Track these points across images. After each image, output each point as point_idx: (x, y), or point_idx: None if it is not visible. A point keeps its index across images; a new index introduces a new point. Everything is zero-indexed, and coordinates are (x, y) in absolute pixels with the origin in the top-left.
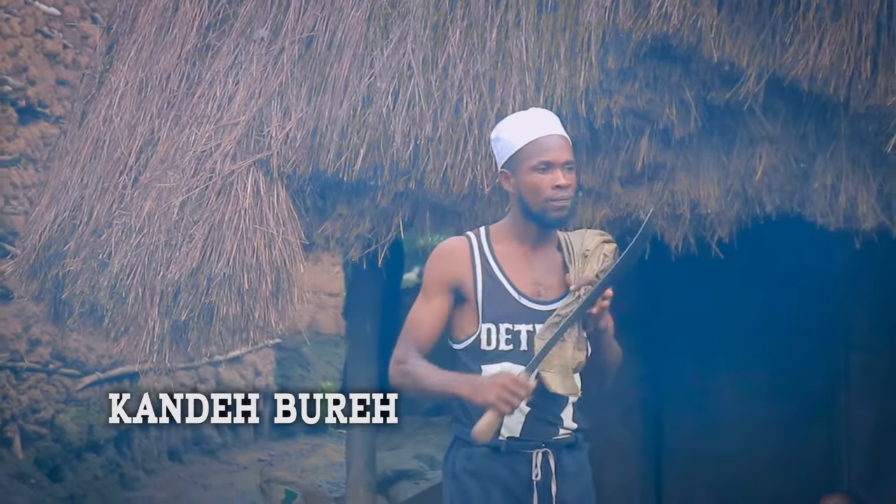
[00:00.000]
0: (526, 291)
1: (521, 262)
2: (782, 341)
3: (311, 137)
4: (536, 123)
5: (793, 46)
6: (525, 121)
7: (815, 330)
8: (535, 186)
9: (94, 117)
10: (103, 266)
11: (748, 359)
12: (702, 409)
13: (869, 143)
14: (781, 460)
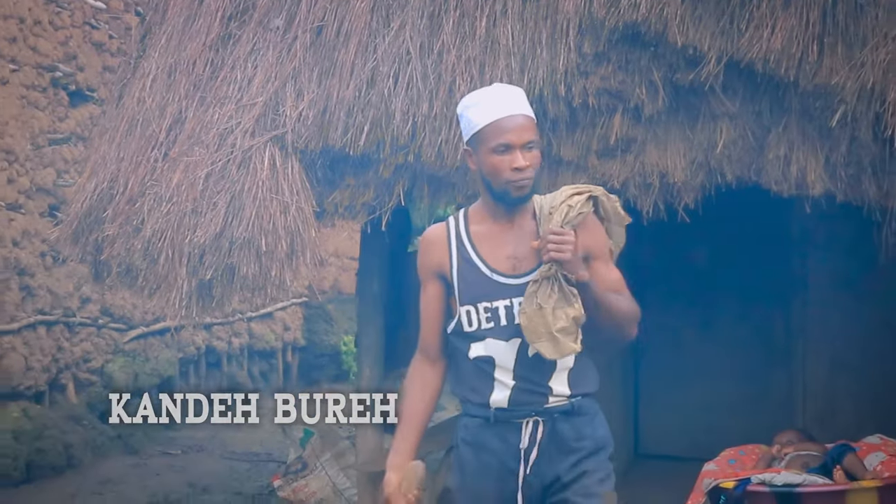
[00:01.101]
0: (499, 267)
1: (496, 240)
2: (746, 297)
3: (321, 116)
4: (498, 103)
5: (748, 32)
6: (487, 99)
7: (776, 287)
8: (495, 168)
9: (129, 99)
10: (137, 231)
11: (715, 314)
12: (674, 360)
13: (816, 118)
14: (745, 403)
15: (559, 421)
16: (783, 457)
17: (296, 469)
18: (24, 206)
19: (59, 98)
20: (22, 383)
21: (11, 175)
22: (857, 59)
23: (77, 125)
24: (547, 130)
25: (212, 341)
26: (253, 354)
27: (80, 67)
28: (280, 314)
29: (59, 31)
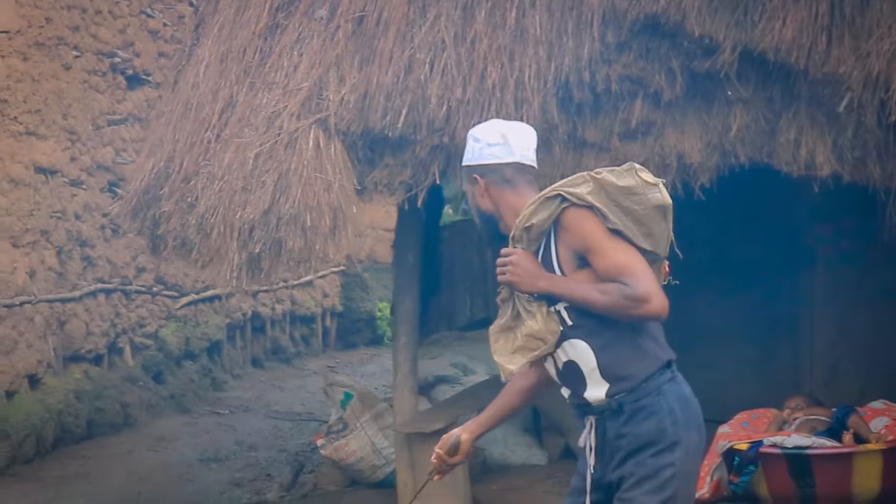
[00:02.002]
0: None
1: None
2: (757, 269)
3: (362, 100)
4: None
5: (761, 23)
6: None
7: (785, 259)
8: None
9: (184, 84)
10: (191, 207)
11: (728, 283)
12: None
13: (825, 104)
14: (754, 369)
15: (607, 420)
16: (793, 420)
17: (337, 429)
18: (85, 182)
19: (117, 82)
20: (83, 347)
21: (74, 153)
22: (863, 50)
23: (134, 107)
24: (572, 114)
25: (257, 307)
26: (294, 320)
27: (136, 53)
28: (320, 282)
29: (118, 19)
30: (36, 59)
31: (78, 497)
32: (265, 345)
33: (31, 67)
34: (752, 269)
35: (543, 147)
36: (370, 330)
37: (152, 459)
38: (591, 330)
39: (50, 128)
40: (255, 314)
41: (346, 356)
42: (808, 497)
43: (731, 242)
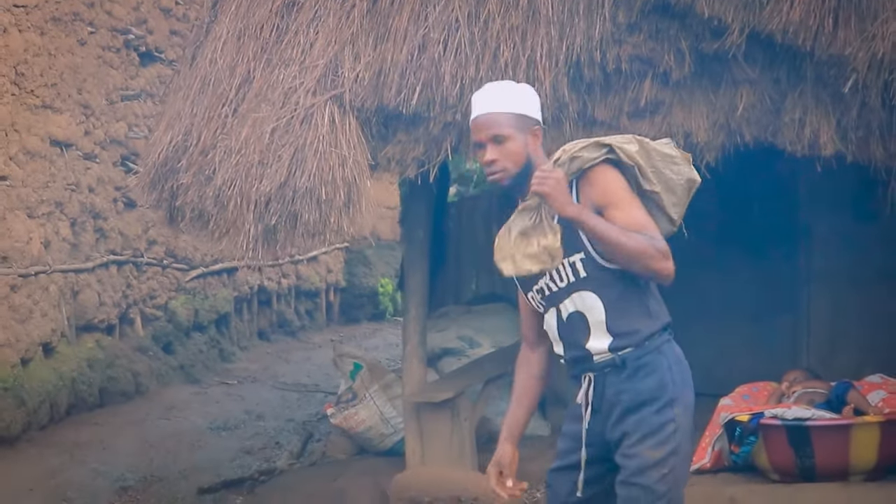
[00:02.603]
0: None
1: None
2: (758, 247)
3: (377, 77)
4: (475, 103)
5: (769, 5)
6: (473, 101)
7: (785, 237)
8: (479, 162)
9: (202, 60)
10: (209, 180)
11: (729, 261)
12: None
13: (830, 85)
14: (754, 343)
15: (607, 376)
16: (792, 394)
17: (346, 399)
18: (98, 156)
19: (130, 58)
20: (96, 317)
21: (88, 128)
22: (868, 32)
23: (146, 83)
24: (583, 93)
25: (263, 281)
26: (300, 294)
27: (149, 31)
28: (324, 258)
29: None
30: (52, 34)
31: (91, 462)
32: (271, 318)
33: (47, 42)
34: (752, 246)
35: (554, 125)
36: (372, 305)
37: (163, 427)
38: (604, 283)
39: (65, 102)
40: (261, 288)
41: (349, 330)
42: (807, 467)
43: (733, 220)
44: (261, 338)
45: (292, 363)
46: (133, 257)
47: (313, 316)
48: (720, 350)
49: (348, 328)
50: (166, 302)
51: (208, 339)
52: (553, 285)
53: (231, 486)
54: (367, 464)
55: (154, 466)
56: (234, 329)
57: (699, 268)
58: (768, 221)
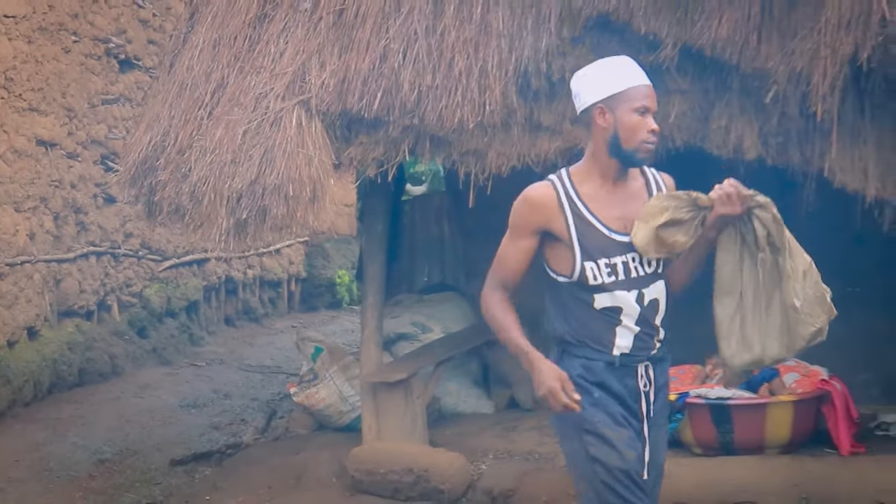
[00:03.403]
0: (614, 226)
1: (606, 200)
2: None
3: (341, 84)
4: (634, 71)
5: (700, 23)
6: (624, 66)
7: None
8: (634, 127)
9: (180, 67)
10: (185, 177)
11: None
12: None
13: (753, 95)
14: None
15: (657, 366)
16: (714, 375)
17: (308, 379)
18: (80, 155)
19: (111, 65)
20: (76, 303)
21: (71, 129)
22: (788, 48)
23: (125, 88)
24: (530, 100)
25: (230, 272)
26: (263, 284)
27: (128, 40)
28: (286, 251)
29: (113, 9)
30: (39, 43)
31: (72, 436)
32: (237, 305)
33: (34, 50)
34: None
35: (503, 128)
36: (330, 294)
37: (138, 405)
38: (666, 282)
39: (50, 105)
40: (228, 278)
41: (308, 317)
42: (728, 442)
43: None
44: (227, 323)
45: (256, 347)
46: (111, 249)
47: (276, 304)
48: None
49: (308, 315)
50: (141, 290)
51: (179, 325)
52: (641, 269)
53: (200, 459)
54: (327, 438)
55: (129, 440)
56: (203, 315)
57: None
58: None
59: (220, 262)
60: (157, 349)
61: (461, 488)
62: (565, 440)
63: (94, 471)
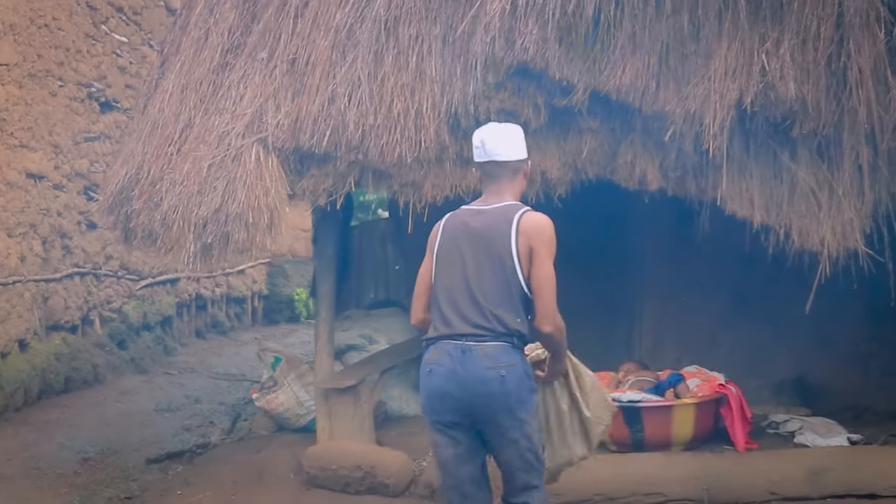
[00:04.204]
0: None
1: None
2: (598, 262)
3: (294, 124)
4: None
5: (606, 71)
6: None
7: (622, 256)
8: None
9: (152, 108)
10: (157, 206)
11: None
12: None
13: (654, 134)
14: (598, 341)
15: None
16: (626, 381)
17: (268, 385)
18: (65, 186)
19: (93, 107)
20: (62, 318)
21: (57, 163)
22: (683, 93)
23: (105, 127)
24: (460, 138)
25: (200, 290)
26: (230, 300)
27: (108, 85)
28: (250, 271)
29: (94, 57)
30: (29, 87)
31: (58, 438)
32: (206, 320)
33: (24, 94)
34: (595, 261)
35: (436, 163)
36: (289, 310)
37: (118, 409)
38: None
39: (39, 142)
40: (198, 295)
41: (270, 331)
42: (639, 440)
43: (582, 242)
44: (198, 336)
45: (223, 357)
46: (93, 270)
47: (241, 318)
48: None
49: (269, 329)
50: (120, 306)
51: (155, 337)
52: None
53: (173, 457)
54: (286, 439)
55: (110, 441)
56: (176, 329)
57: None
58: (611, 244)
59: (190, 282)
60: (135, 359)
61: (404, 482)
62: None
63: (79, 468)
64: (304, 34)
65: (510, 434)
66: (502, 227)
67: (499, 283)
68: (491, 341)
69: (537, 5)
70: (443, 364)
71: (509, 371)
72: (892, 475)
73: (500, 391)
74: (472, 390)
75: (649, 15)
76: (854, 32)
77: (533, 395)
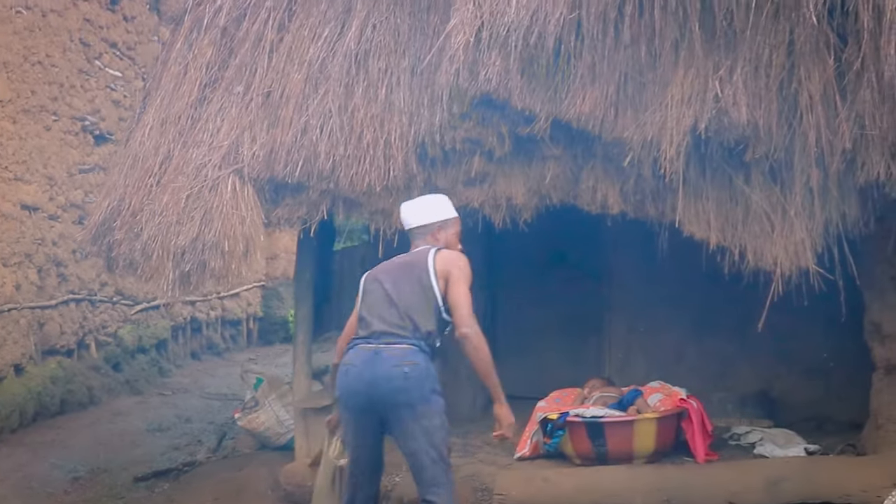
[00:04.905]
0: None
1: None
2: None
3: (269, 155)
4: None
5: (567, 100)
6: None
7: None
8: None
9: (134, 141)
10: (137, 235)
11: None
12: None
13: (614, 160)
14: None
15: None
16: (592, 397)
17: (250, 405)
18: (60, 216)
19: (87, 140)
20: (58, 343)
21: (52, 195)
22: (641, 120)
23: (100, 159)
24: (427, 167)
25: (195, 313)
26: (225, 323)
27: (102, 118)
28: (245, 294)
29: (88, 92)
30: (23, 122)
31: (51, 458)
32: (202, 342)
33: (18, 129)
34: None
35: (405, 191)
36: (284, 331)
37: (110, 429)
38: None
39: (33, 175)
40: (193, 318)
41: (265, 351)
42: (602, 453)
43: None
44: (193, 358)
45: (217, 377)
46: (88, 296)
47: (236, 340)
48: (542, 363)
49: (264, 349)
50: (116, 331)
51: (150, 360)
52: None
53: (160, 475)
54: (267, 457)
55: (101, 460)
56: (172, 351)
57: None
58: (580, 264)
59: (185, 305)
60: (130, 381)
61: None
62: (441, 419)
63: (69, 487)
64: (279, 68)
65: (412, 428)
66: (421, 257)
67: (416, 293)
68: (400, 344)
69: (500, 38)
70: (356, 365)
71: (413, 369)
72: (847, 484)
73: (403, 386)
74: (379, 387)
75: (608, 45)
76: (804, 59)
77: (436, 396)
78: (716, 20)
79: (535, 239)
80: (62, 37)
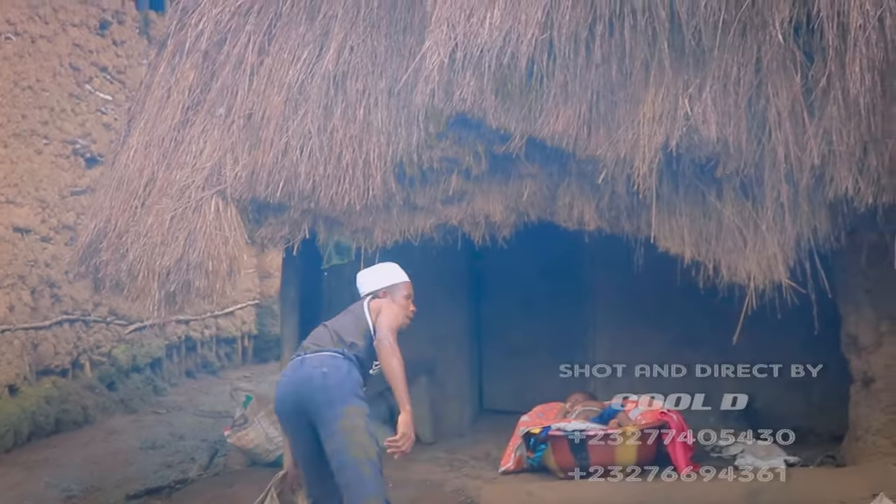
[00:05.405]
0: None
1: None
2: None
3: (251, 176)
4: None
5: (541, 119)
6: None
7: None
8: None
9: (119, 164)
10: (123, 256)
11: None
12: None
13: (588, 177)
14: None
15: None
16: (574, 411)
17: (240, 423)
18: (53, 238)
19: (78, 163)
20: (52, 363)
21: (44, 217)
22: (614, 138)
23: (91, 182)
24: (406, 185)
25: (189, 332)
26: (220, 341)
27: (93, 141)
28: (239, 312)
29: (78, 115)
30: (14, 147)
31: (45, 476)
32: (196, 360)
33: (10, 153)
34: (552, 300)
35: (384, 210)
36: (279, 349)
37: (105, 448)
38: None
39: (25, 198)
40: (187, 337)
41: (259, 369)
42: (584, 467)
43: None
44: (188, 376)
45: (212, 395)
46: (82, 316)
47: (231, 358)
48: (527, 379)
49: (259, 367)
50: (110, 350)
51: (144, 378)
52: None
53: (152, 493)
54: (257, 474)
55: (94, 479)
56: (166, 370)
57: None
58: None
59: (179, 324)
60: (125, 400)
61: None
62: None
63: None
64: (260, 90)
65: (333, 428)
66: (357, 303)
67: (349, 321)
68: (323, 352)
69: (474, 58)
70: (286, 374)
71: (332, 369)
72: (826, 495)
73: (322, 385)
74: (302, 389)
75: (580, 65)
76: (772, 77)
77: (358, 399)
78: (685, 39)
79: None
80: (52, 62)
